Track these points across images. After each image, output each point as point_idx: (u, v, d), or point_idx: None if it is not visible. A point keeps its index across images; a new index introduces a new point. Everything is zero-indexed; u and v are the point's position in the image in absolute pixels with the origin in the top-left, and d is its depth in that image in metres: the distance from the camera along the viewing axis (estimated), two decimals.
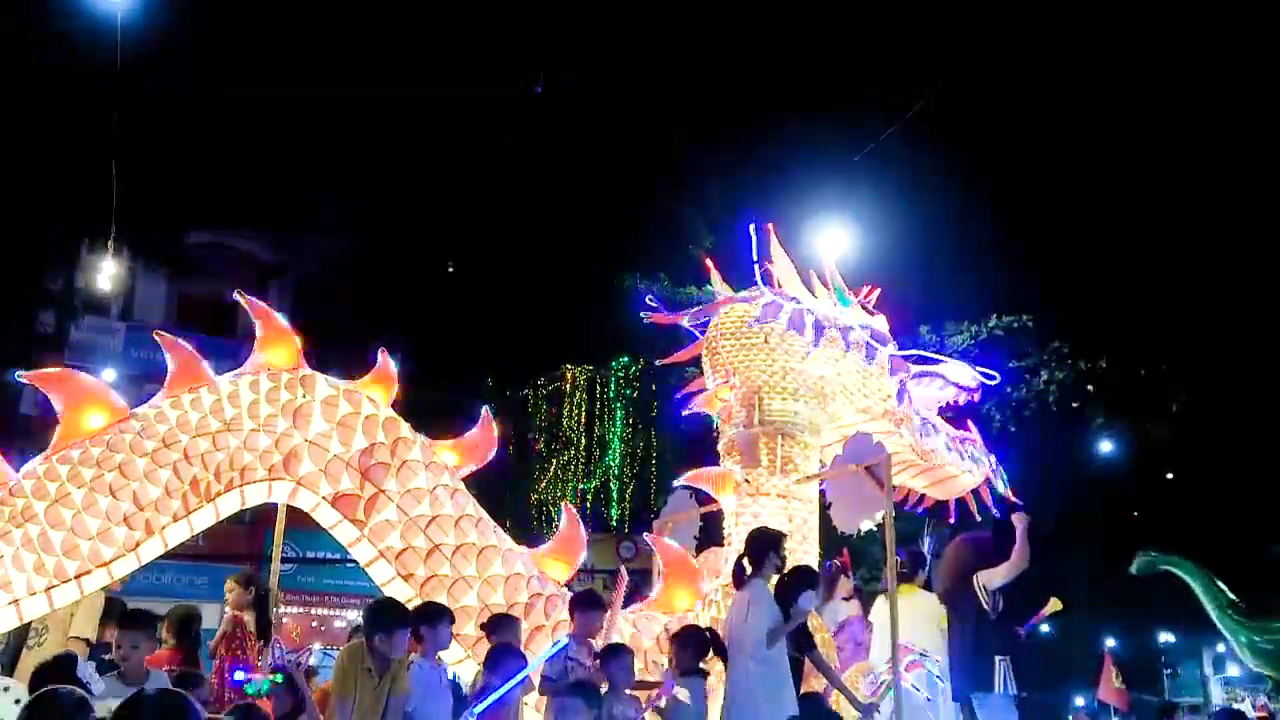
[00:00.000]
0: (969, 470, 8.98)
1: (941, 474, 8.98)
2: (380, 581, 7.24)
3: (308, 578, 22.46)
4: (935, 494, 9.28)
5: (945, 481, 9.10)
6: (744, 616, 6.70)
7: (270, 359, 7.49)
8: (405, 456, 7.37)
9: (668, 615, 7.72)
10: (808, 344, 8.28)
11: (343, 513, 7.25)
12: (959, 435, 9.16)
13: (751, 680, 6.57)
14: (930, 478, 9.07)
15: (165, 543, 7.03)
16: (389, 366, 7.69)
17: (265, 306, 7.67)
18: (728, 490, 8.33)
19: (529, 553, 7.65)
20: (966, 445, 9.11)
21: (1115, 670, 13.86)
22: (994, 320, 19.53)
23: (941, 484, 9.15)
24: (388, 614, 5.89)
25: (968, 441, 9.17)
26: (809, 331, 8.28)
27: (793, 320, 8.29)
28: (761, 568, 6.93)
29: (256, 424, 7.24)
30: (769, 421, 8.31)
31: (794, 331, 8.28)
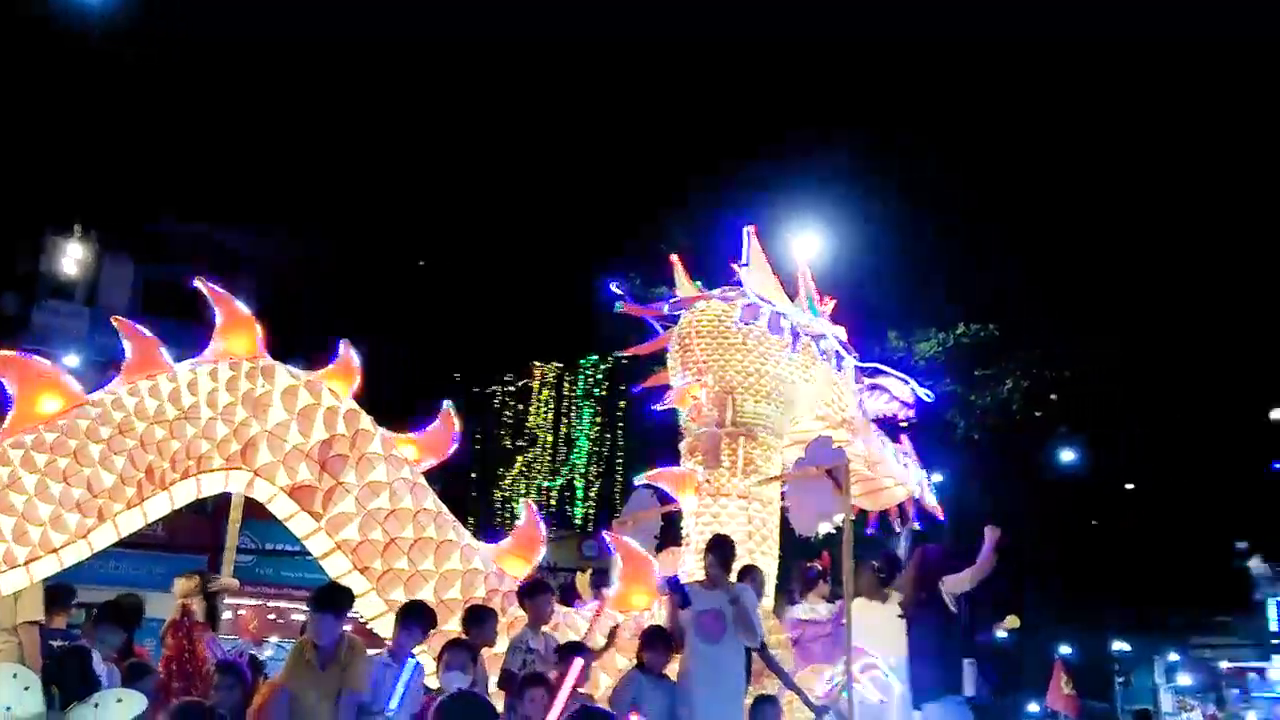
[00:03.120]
0: (904, 483, 9.12)
1: (876, 485, 9.11)
2: (336, 575, 7.16)
3: (266, 570, 22.25)
4: (864, 504, 9.42)
5: (878, 493, 9.24)
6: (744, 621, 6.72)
7: (231, 347, 7.41)
8: (365, 449, 7.32)
9: (625, 613, 7.71)
10: (785, 348, 8.34)
11: (300, 504, 7.18)
12: (900, 448, 9.30)
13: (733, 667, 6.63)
14: (864, 488, 9.19)
15: (118, 531, 6.94)
16: (351, 358, 7.63)
17: (226, 294, 7.58)
18: (688, 490, 8.35)
19: (488, 548, 7.63)
20: (906, 458, 9.24)
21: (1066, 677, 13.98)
22: (961, 329, 19.70)
23: (873, 495, 9.29)
24: (317, 598, 5.88)
25: (907, 454, 9.30)
26: (786, 336, 8.34)
27: (771, 324, 8.34)
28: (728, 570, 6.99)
29: (215, 413, 7.16)
30: (741, 422, 8.36)
31: (772, 335, 8.34)
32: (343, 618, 5.82)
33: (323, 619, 5.71)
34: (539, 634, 6.65)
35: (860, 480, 9.06)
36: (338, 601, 5.87)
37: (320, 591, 6.02)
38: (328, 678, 5.58)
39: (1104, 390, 21.40)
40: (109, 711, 4.70)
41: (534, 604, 6.77)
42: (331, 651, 5.64)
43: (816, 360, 8.69)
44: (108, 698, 5.12)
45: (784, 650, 7.82)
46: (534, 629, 6.67)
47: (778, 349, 8.43)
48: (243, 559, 19.20)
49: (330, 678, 5.58)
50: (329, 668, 5.60)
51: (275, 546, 20.53)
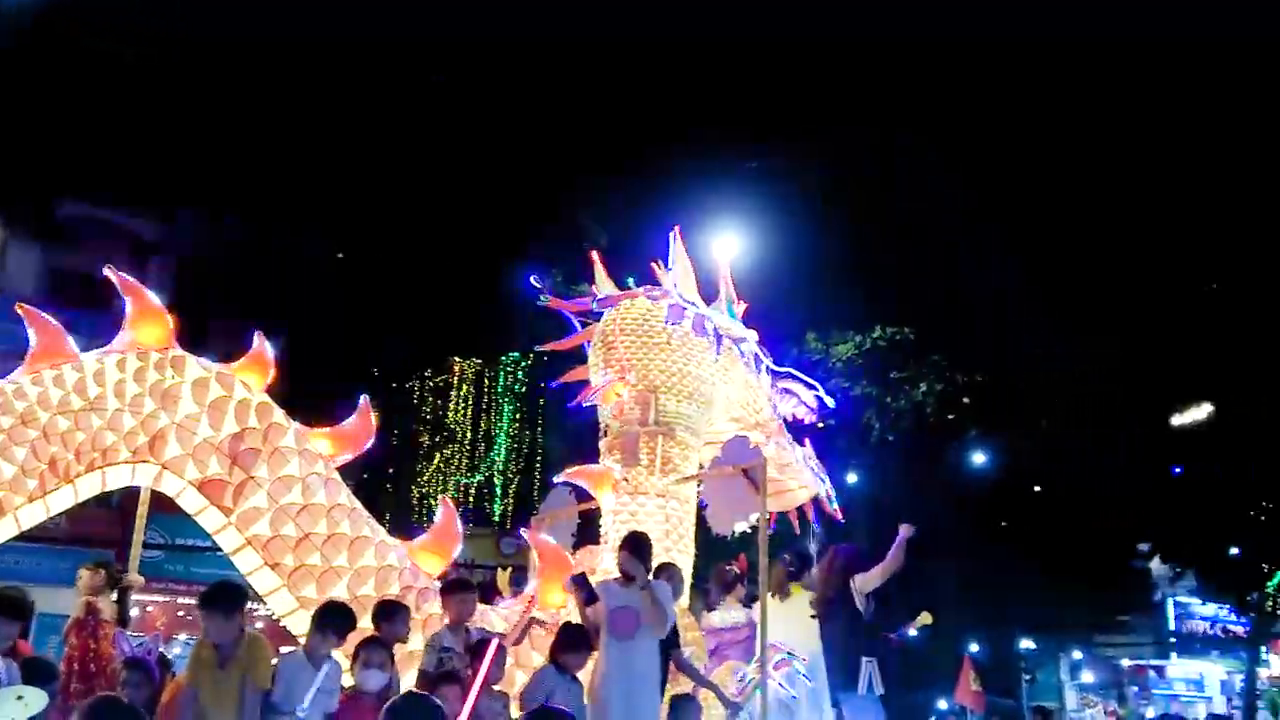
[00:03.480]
0: (808, 485, 9.24)
1: (781, 487, 9.21)
2: (246, 571, 7.06)
3: (175, 565, 21.77)
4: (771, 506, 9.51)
5: (781, 494, 9.34)
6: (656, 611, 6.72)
7: (140, 338, 7.25)
8: (277, 443, 7.21)
9: (541, 611, 7.71)
10: (710, 349, 8.40)
11: (209, 498, 7.05)
12: (800, 451, 9.44)
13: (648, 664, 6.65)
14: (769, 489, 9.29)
15: (19, 524, 6.77)
16: (265, 351, 7.51)
17: (136, 283, 7.41)
18: (606, 488, 8.37)
19: (403, 545, 7.56)
20: (810, 461, 9.37)
21: (974, 673, 14.30)
22: (877, 332, 20.02)
23: (777, 496, 9.37)
24: (205, 597, 5.78)
25: (807, 457, 9.43)
26: (711, 338, 8.42)
27: (696, 325, 8.41)
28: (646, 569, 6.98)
29: (122, 404, 7.01)
30: (663, 421, 8.41)
31: (697, 336, 8.40)
32: (234, 616, 5.68)
33: (212, 617, 5.61)
34: (459, 632, 6.59)
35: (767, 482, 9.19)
36: (227, 599, 5.74)
37: (208, 590, 5.88)
38: (228, 676, 5.48)
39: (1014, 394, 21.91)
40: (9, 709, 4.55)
41: (454, 602, 6.71)
42: (230, 650, 5.54)
43: (737, 363, 8.79)
44: (7, 695, 4.96)
45: (698, 648, 7.88)
46: (453, 627, 6.60)
47: (701, 350, 8.51)
48: (151, 554, 18.81)
49: (231, 676, 5.48)
50: (229, 666, 5.50)
51: (185, 542, 20.10)
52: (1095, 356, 24.08)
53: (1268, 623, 28.20)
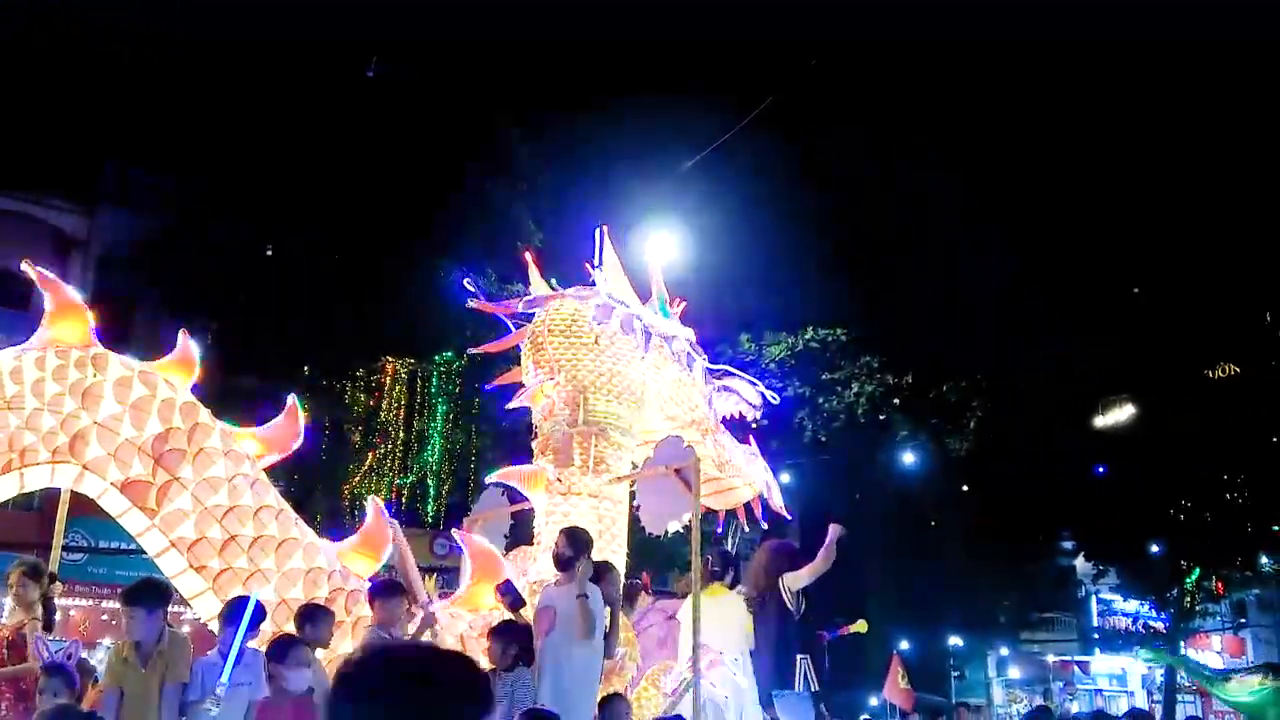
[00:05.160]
0: (751, 482, 9.31)
1: (724, 485, 9.29)
2: (170, 574, 6.91)
3: (99, 569, 21.23)
4: (713, 504, 9.59)
5: (725, 493, 9.42)
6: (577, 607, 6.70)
7: (59, 335, 7.06)
8: (203, 443, 7.07)
9: (473, 613, 7.66)
10: (638, 348, 8.41)
11: (132, 500, 6.90)
12: (746, 449, 9.50)
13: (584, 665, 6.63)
14: (712, 488, 9.36)
15: None
16: (190, 349, 7.36)
17: (55, 278, 7.22)
18: (539, 488, 8.35)
19: (332, 546, 7.46)
20: (752, 458, 9.43)
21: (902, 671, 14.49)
22: (809, 333, 20.20)
23: (721, 494, 9.47)
24: (128, 593, 5.72)
25: (753, 454, 9.50)
26: (639, 336, 8.41)
27: (624, 324, 8.40)
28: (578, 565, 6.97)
29: (41, 403, 6.81)
30: (592, 421, 8.40)
31: (625, 335, 8.40)
32: (157, 613, 5.62)
33: (134, 614, 5.54)
34: (388, 634, 6.53)
35: (709, 480, 9.21)
36: (149, 596, 5.68)
37: (131, 586, 5.82)
38: (150, 675, 5.40)
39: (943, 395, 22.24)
40: None
41: (384, 605, 6.66)
42: (151, 648, 5.46)
43: (668, 361, 8.82)
44: None
45: (631, 648, 7.89)
46: (384, 629, 6.55)
47: (630, 349, 8.52)
48: (73, 557, 18.37)
49: (153, 675, 5.40)
50: (150, 665, 5.41)
51: (108, 544, 19.63)
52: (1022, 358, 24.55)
53: (1186, 618, 28.97)
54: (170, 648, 5.56)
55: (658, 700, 7.96)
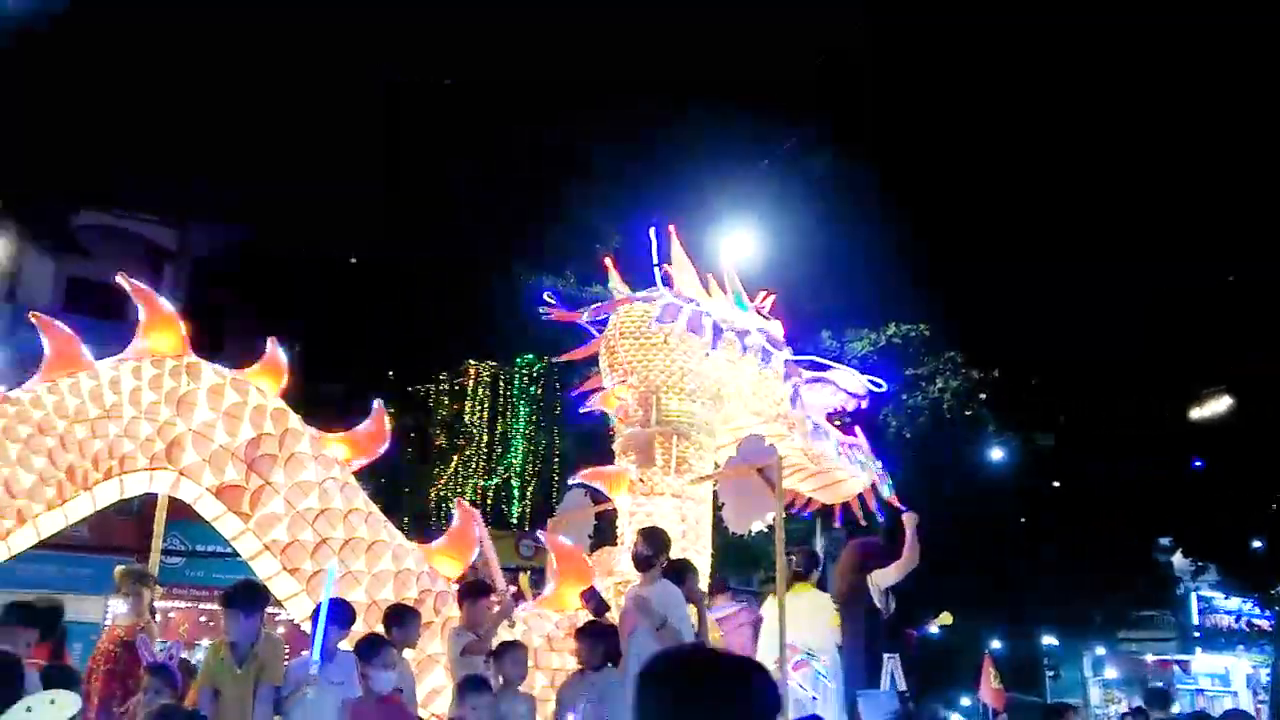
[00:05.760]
0: (855, 475, 9.17)
1: (829, 478, 9.17)
2: (264, 576, 7.07)
3: (196, 572, 21.82)
4: (822, 498, 9.47)
5: (832, 485, 9.30)
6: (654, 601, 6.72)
7: (154, 345, 7.27)
8: (293, 448, 7.22)
9: (559, 613, 7.70)
10: (706, 345, 8.36)
11: (227, 505, 7.08)
12: (847, 440, 9.35)
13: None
14: (818, 481, 9.24)
15: (39, 532, 6.79)
16: (279, 356, 7.53)
17: (149, 290, 7.44)
18: (622, 489, 8.36)
19: (420, 549, 7.57)
20: (854, 450, 9.29)
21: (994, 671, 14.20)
22: (892, 328, 19.92)
23: (829, 488, 9.33)
24: (227, 595, 5.86)
25: (855, 447, 9.36)
26: (707, 333, 8.36)
27: (691, 322, 8.36)
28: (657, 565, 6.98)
29: (138, 411, 7.02)
30: (666, 421, 8.38)
31: (692, 333, 8.36)
32: (255, 615, 5.77)
33: (232, 616, 5.68)
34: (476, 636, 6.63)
35: (811, 475, 9.10)
36: (247, 599, 5.82)
37: (230, 589, 5.97)
38: (245, 676, 5.53)
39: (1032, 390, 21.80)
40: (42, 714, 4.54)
41: (472, 606, 6.74)
42: (247, 649, 5.58)
43: (741, 356, 8.68)
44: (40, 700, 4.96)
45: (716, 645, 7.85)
46: (471, 630, 6.63)
47: (700, 347, 8.45)
48: (171, 561, 18.88)
49: (248, 676, 5.53)
50: (246, 666, 5.54)
51: (205, 548, 20.16)
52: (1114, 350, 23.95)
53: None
54: (265, 649, 5.68)
55: None
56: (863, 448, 9.44)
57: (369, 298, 20.06)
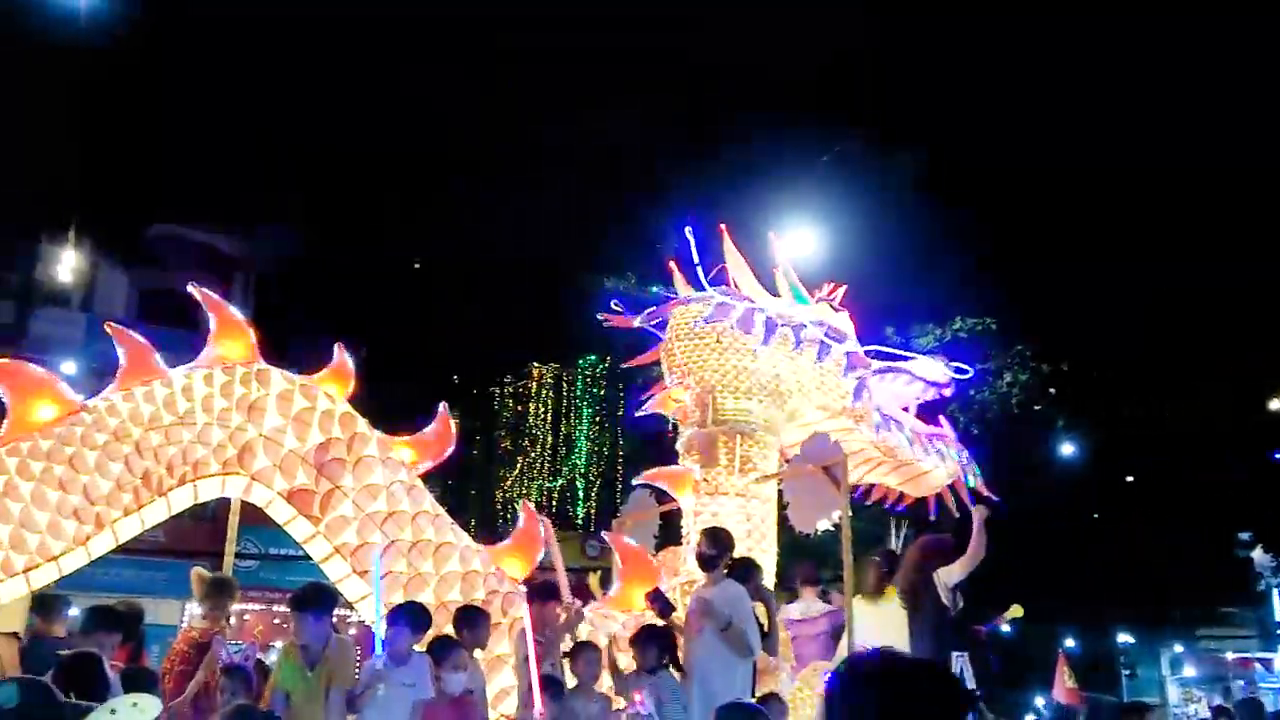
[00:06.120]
0: (937, 465, 8.92)
1: (913, 470, 8.93)
2: (335, 579, 7.17)
3: (270, 574, 22.23)
4: (910, 490, 9.22)
5: (917, 478, 9.03)
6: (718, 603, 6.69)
7: (225, 352, 7.41)
8: (361, 452, 7.31)
9: (625, 613, 7.70)
10: (756, 342, 8.27)
11: (297, 508, 7.19)
12: (929, 431, 9.08)
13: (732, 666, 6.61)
14: (902, 475, 9.02)
15: (117, 537, 6.95)
16: (346, 361, 7.63)
17: (219, 299, 7.58)
18: (686, 489, 8.33)
19: (487, 550, 7.61)
20: (935, 441, 9.00)
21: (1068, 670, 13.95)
22: (958, 323, 19.64)
23: (914, 480, 9.09)
24: (295, 598, 5.92)
25: (937, 437, 9.08)
26: (758, 330, 8.26)
27: (743, 319, 8.28)
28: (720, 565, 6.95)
29: (210, 418, 7.16)
30: (723, 421, 8.32)
31: (744, 331, 8.27)
32: (324, 618, 5.84)
33: (302, 619, 5.75)
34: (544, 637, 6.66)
35: (895, 468, 8.93)
36: (316, 602, 5.88)
37: (299, 592, 6.05)
38: (317, 679, 5.59)
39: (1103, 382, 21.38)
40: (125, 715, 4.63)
41: (541, 609, 6.76)
42: (318, 652, 5.66)
43: (799, 351, 8.56)
44: (123, 702, 5.07)
45: (785, 648, 7.80)
46: (539, 631, 6.66)
47: (751, 344, 8.36)
48: (245, 564, 19.23)
49: (319, 677, 5.60)
50: (318, 669, 5.61)
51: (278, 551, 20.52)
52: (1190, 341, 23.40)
53: None
54: (337, 653, 5.75)
55: (812, 702, 7.85)
56: (948, 438, 9.18)
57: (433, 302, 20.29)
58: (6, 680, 3.65)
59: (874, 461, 8.87)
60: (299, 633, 5.78)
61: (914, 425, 9.07)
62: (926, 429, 9.15)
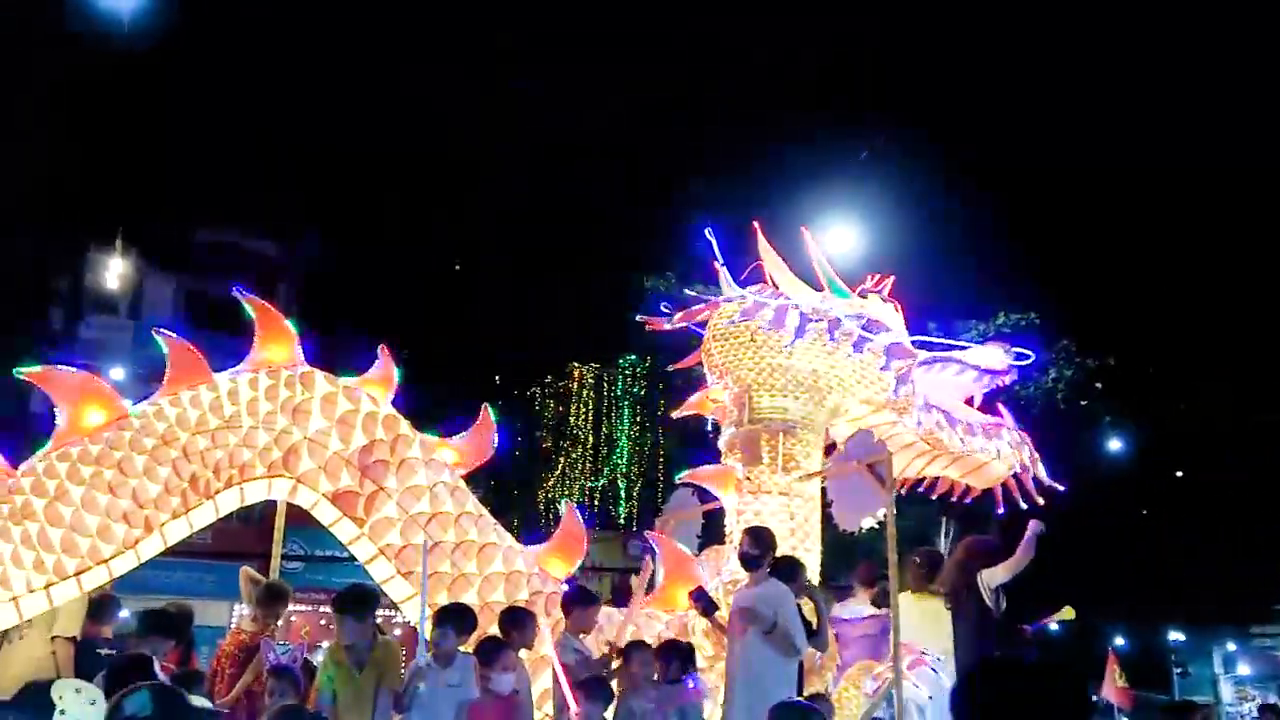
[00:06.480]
0: (995, 457, 8.71)
1: (972, 462, 8.70)
2: (380, 579, 7.22)
3: (316, 576, 22.45)
4: (973, 483, 8.94)
5: (978, 469, 8.77)
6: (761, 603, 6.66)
7: (270, 356, 7.48)
8: (405, 454, 7.36)
9: (669, 614, 7.69)
10: (789, 339, 8.18)
11: (342, 510, 7.24)
12: (986, 422, 8.87)
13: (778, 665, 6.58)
14: (962, 466, 8.76)
15: (165, 540, 7.05)
16: (388, 364, 7.68)
17: (264, 303, 7.66)
18: (729, 488, 8.29)
19: (530, 550, 7.63)
20: (992, 431, 8.71)
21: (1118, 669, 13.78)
22: (1000, 318, 19.43)
23: (975, 472, 8.82)
24: (337, 601, 5.99)
25: (996, 427, 8.79)
26: (789, 327, 8.16)
27: (776, 316, 8.20)
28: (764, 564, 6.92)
29: (256, 421, 7.24)
30: (759, 419, 8.25)
31: (775, 328, 8.19)
32: (366, 619, 5.89)
33: (343, 621, 5.81)
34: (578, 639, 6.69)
35: (955, 460, 8.73)
36: (356, 604, 5.94)
37: (339, 595, 6.11)
38: (364, 679, 5.63)
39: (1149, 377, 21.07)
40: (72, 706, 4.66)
41: (579, 612, 6.77)
42: (362, 653, 5.70)
43: (834, 346, 8.39)
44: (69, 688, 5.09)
45: (831, 647, 7.74)
46: (579, 633, 6.70)
47: (786, 342, 8.27)
48: (292, 566, 19.44)
49: (366, 679, 5.64)
50: (366, 669, 5.65)
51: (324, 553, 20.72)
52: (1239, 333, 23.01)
53: None
54: (384, 654, 5.79)
55: (858, 701, 7.80)
56: (1008, 428, 8.92)
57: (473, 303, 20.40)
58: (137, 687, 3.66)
59: (929, 454, 8.66)
60: (342, 635, 5.84)
61: (969, 416, 8.85)
62: (984, 419, 8.90)
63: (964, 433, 8.58)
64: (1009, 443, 8.78)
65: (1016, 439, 8.87)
